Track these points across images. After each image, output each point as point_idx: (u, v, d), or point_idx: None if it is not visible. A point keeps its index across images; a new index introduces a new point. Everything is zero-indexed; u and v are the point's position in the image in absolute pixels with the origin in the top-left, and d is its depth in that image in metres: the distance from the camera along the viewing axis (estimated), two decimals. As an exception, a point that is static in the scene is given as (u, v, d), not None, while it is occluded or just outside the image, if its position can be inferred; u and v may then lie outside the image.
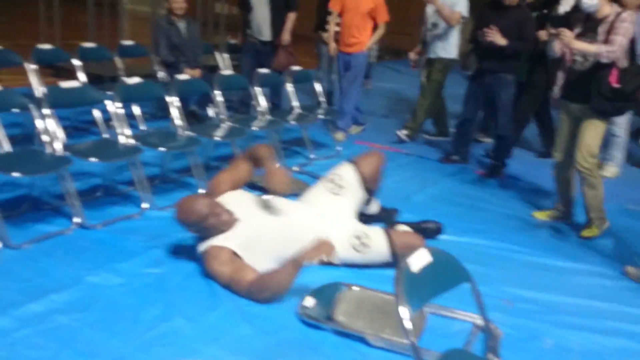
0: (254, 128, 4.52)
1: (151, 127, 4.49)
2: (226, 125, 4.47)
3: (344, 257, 3.11)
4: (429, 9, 5.50)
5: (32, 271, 2.82)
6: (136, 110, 4.20)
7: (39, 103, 3.58)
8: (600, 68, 3.62)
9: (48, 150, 3.49)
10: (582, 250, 3.74)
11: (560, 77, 3.91)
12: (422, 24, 5.69)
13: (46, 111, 3.55)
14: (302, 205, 3.31)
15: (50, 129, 3.54)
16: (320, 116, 5.33)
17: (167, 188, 4.07)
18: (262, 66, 5.45)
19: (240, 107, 5.97)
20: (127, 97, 3.99)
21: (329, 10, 5.75)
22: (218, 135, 4.22)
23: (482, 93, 4.95)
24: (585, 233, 3.94)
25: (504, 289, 3.11)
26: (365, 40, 5.65)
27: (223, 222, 2.95)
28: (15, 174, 3.08)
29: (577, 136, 3.80)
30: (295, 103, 5.26)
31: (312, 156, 5.09)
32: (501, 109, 4.85)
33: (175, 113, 4.16)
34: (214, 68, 6.26)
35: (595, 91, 3.62)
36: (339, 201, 3.33)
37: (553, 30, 3.76)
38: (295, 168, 4.72)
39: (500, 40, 4.54)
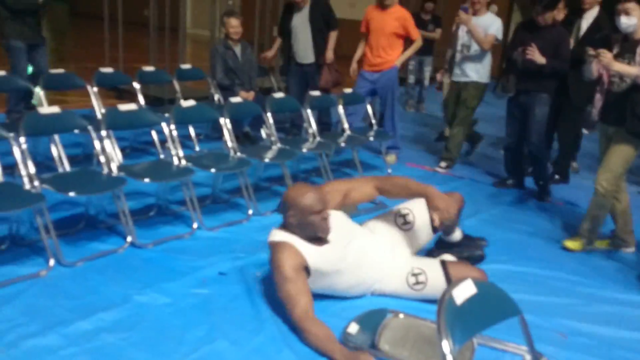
0: (304, 150, 4.54)
1: (205, 147, 4.58)
2: (276, 147, 4.50)
3: (398, 294, 3.06)
4: (460, 30, 5.37)
5: (83, 289, 2.90)
6: (192, 131, 4.30)
7: (97, 125, 3.71)
8: (636, 90, 3.51)
9: (104, 170, 3.61)
10: (645, 282, 3.55)
11: (598, 99, 3.81)
12: (451, 45, 5.54)
13: (104, 133, 3.68)
14: (371, 238, 3.18)
15: (107, 150, 3.66)
16: (371, 138, 5.30)
17: (218, 208, 4.13)
18: (308, 86, 5.48)
19: (292, 128, 6.02)
20: (182, 119, 4.09)
21: None
22: (268, 157, 4.26)
23: (519, 113, 4.83)
24: (568, 243, 3.88)
25: (559, 321, 2.97)
26: (393, 59, 5.53)
27: (322, 229, 2.86)
28: (72, 194, 3.19)
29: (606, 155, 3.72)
30: (345, 125, 5.25)
31: (363, 178, 5.05)
32: (534, 126, 4.71)
33: (227, 135, 4.23)
34: (269, 90, 6.35)
35: (631, 113, 3.52)
36: (403, 236, 3.24)
37: (592, 51, 3.65)
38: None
39: (540, 58, 4.45)
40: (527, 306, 2.08)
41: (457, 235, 3.49)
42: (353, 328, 2.66)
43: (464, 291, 1.89)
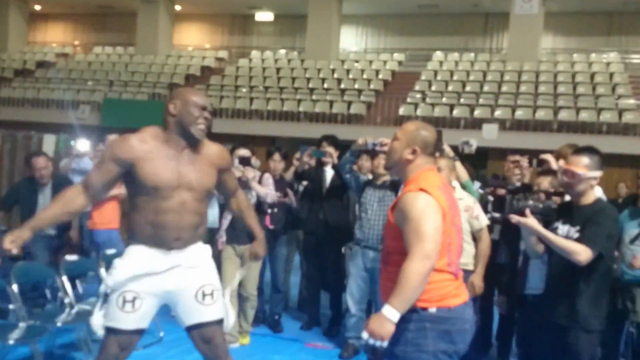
0: (58, 324, 3.95)
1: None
2: (24, 323, 3.85)
3: None
4: None
5: None
6: None
7: None
8: None
9: None
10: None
11: None
12: None
13: None
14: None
15: None
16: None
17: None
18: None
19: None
20: None
21: None
22: (13, 337, 3.62)
23: None
24: None
25: None
26: None
27: (196, 123, 2.78)
28: None
29: None
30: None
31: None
32: None
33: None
34: (13, 258, 5.56)
35: None
36: None
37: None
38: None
39: None
40: None
41: None
42: None
43: None
